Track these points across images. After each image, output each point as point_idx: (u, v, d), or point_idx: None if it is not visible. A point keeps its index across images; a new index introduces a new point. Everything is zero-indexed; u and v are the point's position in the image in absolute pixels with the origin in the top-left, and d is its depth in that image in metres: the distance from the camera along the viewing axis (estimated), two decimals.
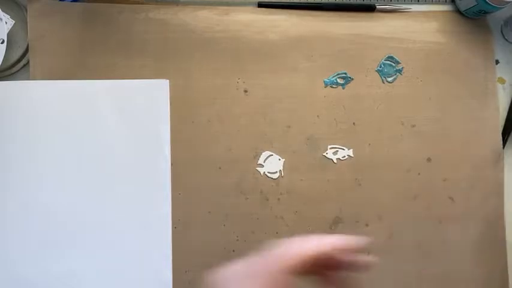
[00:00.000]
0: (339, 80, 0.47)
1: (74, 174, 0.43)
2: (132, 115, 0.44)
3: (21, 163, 0.42)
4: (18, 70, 0.45)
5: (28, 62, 0.44)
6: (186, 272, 0.43)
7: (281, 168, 0.45)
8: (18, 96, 0.43)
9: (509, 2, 0.44)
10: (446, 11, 0.49)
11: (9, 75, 0.45)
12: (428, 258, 0.46)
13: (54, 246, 0.42)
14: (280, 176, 0.45)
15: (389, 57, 0.47)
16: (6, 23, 0.43)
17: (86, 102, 0.43)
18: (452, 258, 0.46)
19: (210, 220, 0.44)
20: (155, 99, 0.44)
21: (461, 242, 0.46)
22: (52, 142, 0.43)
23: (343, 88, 0.47)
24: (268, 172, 0.45)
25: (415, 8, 0.48)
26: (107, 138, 0.43)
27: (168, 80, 0.44)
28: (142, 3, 0.46)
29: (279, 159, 0.45)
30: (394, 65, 0.47)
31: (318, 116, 0.46)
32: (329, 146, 0.46)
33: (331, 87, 0.47)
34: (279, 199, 0.45)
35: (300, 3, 0.47)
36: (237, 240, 0.44)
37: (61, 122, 0.43)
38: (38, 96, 0.43)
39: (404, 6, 0.48)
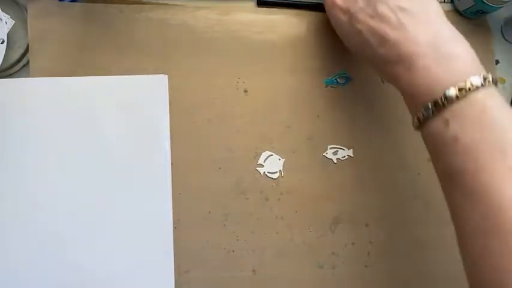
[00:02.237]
0: (339, 80, 0.47)
1: (73, 172, 0.43)
2: (131, 110, 0.44)
3: (20, 160, 0.42)
4: (18, 70, 0.45)
5: (28, 62, 0.44)
6: (186, 272, 0.43)
7: (281, 168, 0.45)
8: (16, 93, 0.43)
9: (508, 1, 0.44)
10: (446, 11, 0.48)
11: (9, 75, 0.45)
12: (428, 258, 0.46)
13: (53, 245, 0.42)
14: (280, 176, 0.45)
15: None
16: (6, 23, 0.43)
17: (84, 98, 0.43)
18: (452, 258, 0.46)
19: (210, 220, 0.44)
20: (154, 94, 0.44)
21: None
22: (50, 139, 0.43)
23: (343, 88, 0.47)
24: (268, 172, 0.45)
25: None
26: (106, 134, 0.43)
27: (166, 75, 0.44)
28: (142, 3, 0.46)
29: (279, 159, 0.45)
30: None
31: (318, 116, 0.46)
32: (329, 146, 0.46)
33: (331, 87, 0.47)
34: (279, 199, 0.45)
35: (300, 2, 0.47)
36: (237, 240, 0.44)
37: (59, 119, 0.43)
38: (36, 93, 0.43)
39: None
